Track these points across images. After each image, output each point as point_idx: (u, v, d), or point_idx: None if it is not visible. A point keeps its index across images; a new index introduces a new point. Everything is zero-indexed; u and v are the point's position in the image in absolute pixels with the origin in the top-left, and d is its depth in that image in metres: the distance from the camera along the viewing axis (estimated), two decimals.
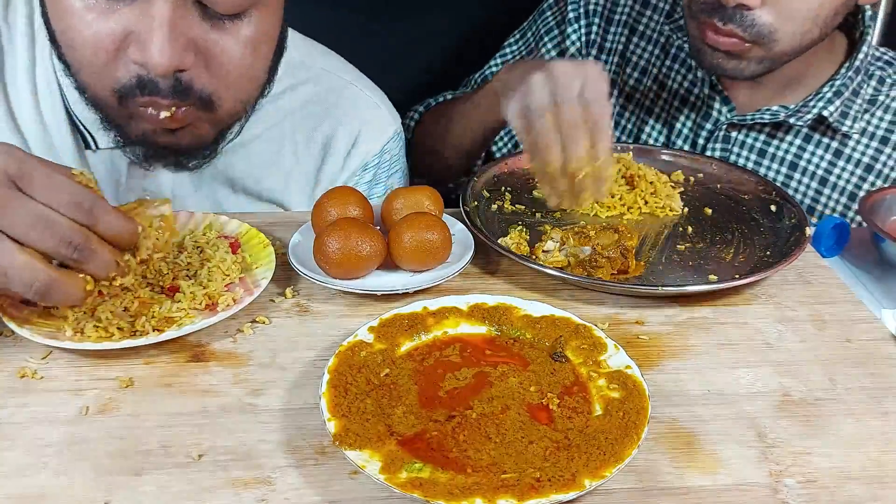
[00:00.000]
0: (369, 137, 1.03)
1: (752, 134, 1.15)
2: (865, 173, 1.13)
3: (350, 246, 0.76)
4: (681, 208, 0.96)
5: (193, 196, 0.97)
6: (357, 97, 1.04)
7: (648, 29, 1.23)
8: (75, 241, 0.61)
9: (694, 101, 1.18)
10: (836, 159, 1.13)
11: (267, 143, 0.98)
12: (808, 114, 1.10)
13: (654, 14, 1.22)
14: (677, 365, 0.71)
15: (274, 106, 0.98)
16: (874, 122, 1.13)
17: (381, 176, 1.06)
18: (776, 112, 1.12)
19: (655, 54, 1.22)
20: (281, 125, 0.99)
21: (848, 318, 0.79)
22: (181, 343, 0.71)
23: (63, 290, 0.63)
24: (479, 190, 0.97)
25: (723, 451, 0.61)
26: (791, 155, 1.14)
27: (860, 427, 0.65)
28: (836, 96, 1.10)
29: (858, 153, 1.13)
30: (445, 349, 0.69)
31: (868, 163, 1.12)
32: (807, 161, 1.14)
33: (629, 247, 0.82)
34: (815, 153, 1.14)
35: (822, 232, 0.94)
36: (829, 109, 1.10)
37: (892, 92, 1.14)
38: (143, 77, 0.76)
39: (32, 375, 0.67)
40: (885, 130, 1.12)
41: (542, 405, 0.63)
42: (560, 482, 0.54)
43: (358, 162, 1.03)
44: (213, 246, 0.80)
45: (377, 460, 0.56)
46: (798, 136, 1.14)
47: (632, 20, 1.23)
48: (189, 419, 0.63)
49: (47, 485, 0.56)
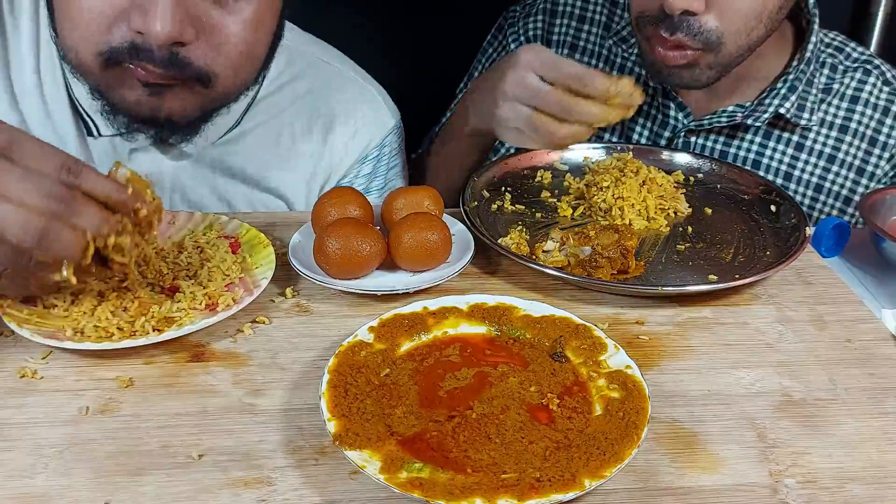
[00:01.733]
0: (369, 129, 1.04)
1: (711, 137, 1.15)
2: (829, 164, 1.13)
3: (350, 246, 0.76)
4: (686, 209, 0.96)
5: (193, 184, 0.97)
6: (357, 89, 1.04)
7: (589, 44, 1.22)
8: (61, 194, 0.60)
9: (648, 111, 1.17)
10: (798, 153, 1.13)
11: (267, 134, 0.99)
12: (764, 113, 1.10)
13: (591, 27, 1.21)
14: (677, 365, 0.71)
15: (274, 97, 0.99)
16: (831, 112, 1.13)
17: (380, 169, 1.06)
18: (733, 113, 1.11)
19: (600, 68, 1.20)
20: (281, 116, 1.00)
21: (848, 318, 0.79)
22: (181, 343, 0.71)
23: (62, 237, 0.61)
24: (479, 190, 0.97)
25: (723, 452, 0.61)
26: (753, 154, 1.14)
27: (860, 427, 0.65)
28: (791, 91, 1.10)
29: (819, 144, 1.13)
30: (445, 349, 0.69)
31: (830, 153, 1.13)
32: (769, 158, 1.14)
33: (629, 247, 0.82)
34: (777, 149, 1.14)
35: (822, 232, 0.94)
36: (786, 106, 1.10)
37: (844, 79, 1.13)
38: (138, 44, 0.76)
39: (32, 375, 0.67)
40: (842, 119, 1.13)
41: (542, 405, 0.63)
42: (560, 482, 0.54)
43: (357, 154, 1.04)
44: (213, 246, 0.80)
45: (377, 460, 0.56)
46: (758, 134, 1.14)
47: (570, 38, 1.22)
48: (189, 419, 0.63)
49: (47, 485, 0.56)
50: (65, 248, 0.62)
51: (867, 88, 1.13)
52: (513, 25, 1.25)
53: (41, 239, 0.60)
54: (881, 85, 1.13)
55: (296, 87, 1.01)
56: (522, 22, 1.24)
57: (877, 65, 1.14)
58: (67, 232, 0.61)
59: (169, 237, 0.83)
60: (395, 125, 1.07)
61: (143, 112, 0.82)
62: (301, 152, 1.01)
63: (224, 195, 0.99)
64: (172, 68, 0.78)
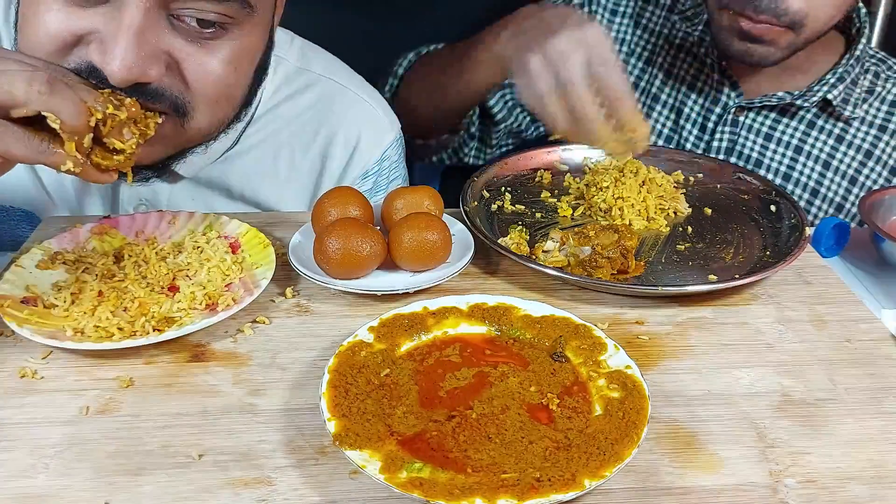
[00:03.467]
0: (368, 144, 1.02)
1: (759, 118, 1.20)
2: (865, 159, 1.18)
3: (350, 246, 0.76)
4: (686, 209, 0.96)
5: (190, 205, 0.96)
6: (355, 103, 1.02)
7: (651, 22, 1.28)
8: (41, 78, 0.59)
9: (701, 87, 1.22)
10: (838, 144, 1.18)
11: (265, 152, 0.97)
12: (813, 97, 1.16)
13: (655, 8, 1.28)
14: (677, 365, 0.71)
15: (272, 115, 0.97)
16: (872, 112, 1.19)
17: (381, 183, 1.04)
18: (783, 96, 1.16)
19: (660, 45, 1.26)
20: (278, 135, 0.98)
21: (848, 318, 0.79)
22: (181, 343, 0.71)
23: (65, 93, 0.60)
24: (479, 190, 0.97)
25: (723, 451, 0.61)
26: (796, 139, 1.19)
27: (860, 427, 0.65)
28: (839, 81, 1.16)
29: (859, 139, 1.18)
30: (445, 349, 0.69)
31: (868, 149, 1.18)
32: (811, 145, 1.19)
33: (629, 247, 0.82)
34: (819, 138, 1.18)
35: (822, 232, 0.94)
36: (833, 93, 1.15)
37: (887, 84, 1.20)
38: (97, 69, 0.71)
39: (32, 375, 0.67)
40: (882, 119, 1.18)
41: (542, 405, 0.63)
42: (560, 482, 0.54)
43: (358, 170, 1.02)
44: (213, 246, 0.80)
45: (377, 460, 0.56)
46: (803, 121, 1.19)
47: (636, 14, 1.28)
48: (189, 419, 0.63)
49: (47, 485, 0.56)
50: (71, 106, 0.61)
51: None
52: None
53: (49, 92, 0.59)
54: None
55: (294, 104, 0.99)
56: None
57: None
58: (70, 92, 0.61)
59: (169, 237, 0.84)
60: (394, 138, 1.05)
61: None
62: (300, 170, 0.99)
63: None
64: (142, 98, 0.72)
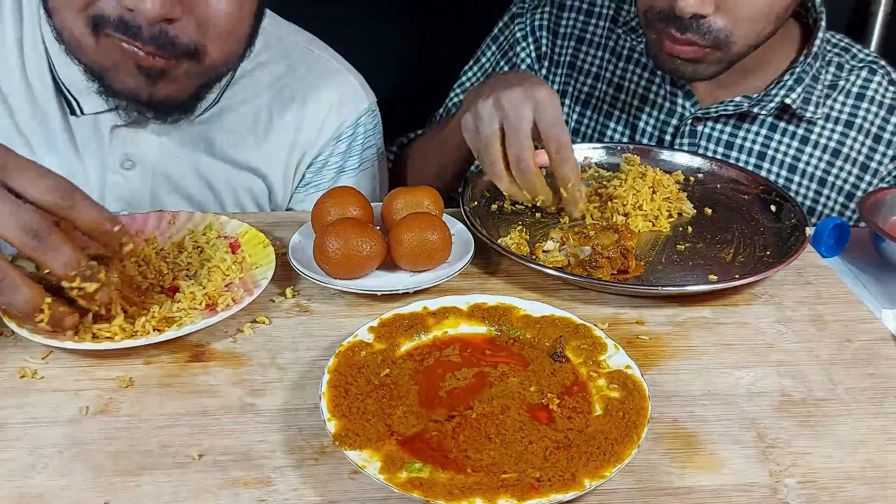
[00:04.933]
0: (343, 108, 1.07)
1: (717, 126, 1.16)
2: (833, 158, 1.14)
3: (350, 246, 0.76)
4: (691, 210, 0.96)
5: (175, 164, 0.99)
6: (332, 71, 1.08)
7: (596, 36, 1.23)
8: (35, 227, 0.60)
9: (654, 99, 1.19)
10: (802, 146, 1.14)
11: (245, 113, 1.02)
12: (770, 102, 1.12)
13: (599, 21, 1.23)
14: (677, 365, 0.71)
15: (252, 77, 1.02)
16: (836, 107, 1.14)
17: (355, 148, 1.09)
18: (740, 103, 1.13)
19: (607, 59, 1.22)
20: (258, 96, 1.03)
21: (848, 318, 0.79)
22: (181, 343, 0.71)
23: (17, 290, 0.61)
24: (479, 190, 0.97)
25: (723, 452, 0.61)
26: (758, 145, 1.15)
27: (860, 427, 0.65)
28: (797, 83, 1.11)
29: (825, 139, 1.14)
30: (445, 349, 0.69)
31: (835, 147, 1.14)
32: (774, 150, 1.15)
33: (629, 247, 0.82)
34: (782, 141, 1.15)
35: (822, 232, 0.94)
36: (792, 97, 1.11)
37: (850, 77, 1.15)
38: (127, 20, 0.78)
39: (32, 375, 0.67)
40: (848, 115, 1.14)
41: (542, 405, 0.63)
42: (560, 482, 0.54)
43: (331, 132, 1.07)
44: (213, 246, 0.80)
45: (377, 460, 0.56)
46: (763, 125, 1.15)
47: (577, 31, 1.24)
48: (189, 419, 0.63)
49: (47, 485, 0.56)
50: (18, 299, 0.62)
51: (872, 86, 1.14)
52: (520, 16, 1.26)
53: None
54: (887, 84, 1.14)
55: (273, 68, 1.04)
56: (530, 14, 1.25)
57: (882, 65, 1.16)
58: (28, 287, 0.62)
59: (169, 237, 0.84)
60: (368, 107, 1.10)
61: (141, 95, 0.84)
62: (277, 131, 1.04)
63: (205, 174, 1.01)
64: (161, 46, 0.79)
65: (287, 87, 1.04)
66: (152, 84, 0.83)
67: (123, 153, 0.96)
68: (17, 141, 0.94)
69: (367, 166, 1.11)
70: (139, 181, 0.98)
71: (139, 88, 0.83)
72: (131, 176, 0.97)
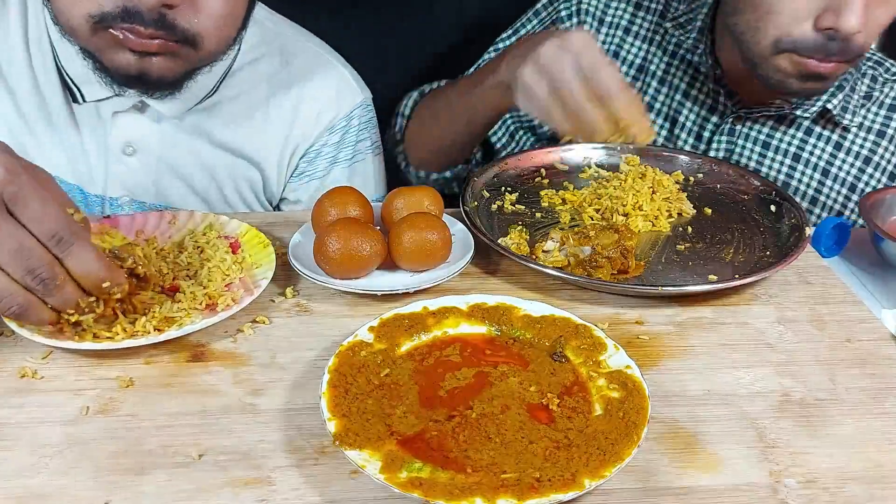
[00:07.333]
0: (337, 100, 1.10)
1: (756, 126, 1.18)
2: (864, 165, 1.17)
3: (350, 246, 0.76)
4: (691, 211, 0.96)
5: (176, 151, 1.02)
6: (327, 65, 1.11)
7: (642, 29, 1.25)
8: (42, 274, 0.62)
9: (696, 96, 1.20)
10: (836, 152, 1.17)
11: (242, 103, 1.05)
12: (812, 106, 1.14)
13: (647, 14, 1.25)
14: (677, 365, 0.71)
15: (249, 70, 1.05)
16: (870, 117, 1.17)
17: (348, 140, 1.11)
18: (781, 104, 1.14)
19: (652, 52, 1.24)
20: (255, 88, 1.05)
21: (848, 318, 0.79)
22: (181, 343, 0.71)
23: (37, 314, 0.64)
24: (479, 190, 0.97)
25: (723, 451, 0.61)
26: (794, 147, 1.18)
27: (860, 427, 0.65)
28: (839, 90, 1.14)
29: (857, 146, 1.17)
30: (445, 349, 0.69)
31: (867, 155, 1.17)
32: (809, 153, 1.17)
33: (629, 247, 0.82)
34: (817, 146, 1.17)
35: (822, 232, 0.94)
36: (833, 102, 1.14)
37: (884, 89, 1.18)
38: (129, 7, 0.81)
39: (32, 375, 0.67)
40: (880, 125, 1.17)
41: (542, 405, 0.63)
42: (560, 482, 0.54)
43: (325, 124, 1.09)
44: (213, 246, 0.80)
45: (377, 460, 0.56)
46: (800, 129, 1.17)
47: (625, 22, 1.25)
48: (189, 419, 0.63)
49: (47, 485, 0.56)
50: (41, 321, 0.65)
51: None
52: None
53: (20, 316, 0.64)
54: None
55: (270, 61, 1.07)
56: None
57: None
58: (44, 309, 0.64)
59: (169, 237, 0.84)
60: (362, 101, 1.12)
61: (132, 73, 0.86)
62: (273, 122, 1.07)
63: (206, 162, 1.03)
64: (160, 31, 0.82)
65: (283, 80, 1.07)
66: (147, 63, 0.85)
67: (124, 140, 0.99)
68: (23, 130, 0.97)
69: (360, 158, 1.13)
70: (141, 168, 1.00)
71: (130, 67, 0.85)
72: (133, 163, 1.00)
